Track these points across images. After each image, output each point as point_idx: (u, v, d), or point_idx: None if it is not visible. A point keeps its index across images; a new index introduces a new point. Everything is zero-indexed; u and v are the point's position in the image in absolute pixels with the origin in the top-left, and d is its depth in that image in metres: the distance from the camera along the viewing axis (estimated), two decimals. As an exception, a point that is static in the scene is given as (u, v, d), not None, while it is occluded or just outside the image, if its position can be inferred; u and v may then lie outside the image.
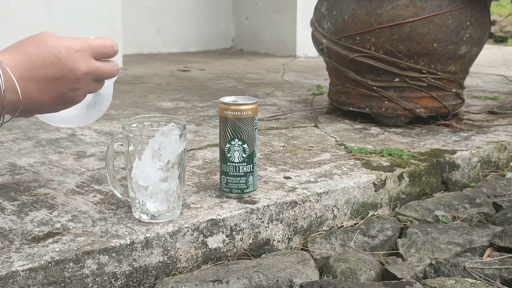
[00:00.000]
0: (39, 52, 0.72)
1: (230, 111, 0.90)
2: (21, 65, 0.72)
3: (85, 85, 0.76)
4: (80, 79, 0.74)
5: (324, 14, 1.58)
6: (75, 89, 0.75)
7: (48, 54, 0.72)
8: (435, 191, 1.21)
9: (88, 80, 0.76)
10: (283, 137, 1.40)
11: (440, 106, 1.53)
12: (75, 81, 0.74)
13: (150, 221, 0.83)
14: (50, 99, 0.75)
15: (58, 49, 0.73)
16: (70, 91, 0.75)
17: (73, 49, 0.73)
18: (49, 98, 0.74)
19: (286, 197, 0.96)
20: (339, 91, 1.63)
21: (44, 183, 1.01)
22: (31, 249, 0.74)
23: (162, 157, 0.81)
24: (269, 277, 0.80)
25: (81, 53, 0.74)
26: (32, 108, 0.75)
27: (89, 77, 0.76)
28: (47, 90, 0.73)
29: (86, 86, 0.76)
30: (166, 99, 1.97)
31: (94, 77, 0.77)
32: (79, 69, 0.73)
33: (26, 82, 0.72)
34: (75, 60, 0.73)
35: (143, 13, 3.85)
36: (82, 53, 0.74)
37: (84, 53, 0.74)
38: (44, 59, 0.72)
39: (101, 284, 0.75)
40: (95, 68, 0.76)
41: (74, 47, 0.74)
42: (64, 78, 0.73)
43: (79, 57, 0.73)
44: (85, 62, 0.74)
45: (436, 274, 0.87)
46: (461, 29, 1.44)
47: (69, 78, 0.73)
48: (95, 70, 0.76)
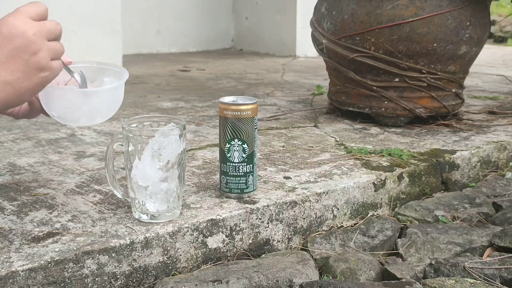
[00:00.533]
0: None
1: (230, 111, 0.90)
2: None
3: (42, 45, 0.75)
4: (33, 40, 0.73)
5: (323, 14, 1.58)
6: (35, 52, 0.74)
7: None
8: (435, 191, 1.21)
9: (41, 38, 0.75)
10: (283, 137, 1.40)
11: (440, 106, 1.53)
12: (30, 44, 0.73)
13: (150, 221, 0.83)
14: (21, 74, 0.74)
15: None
16: (32, 57, 0.74)
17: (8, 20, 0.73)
18: (19, 74, 0.73)
19: (286, 197, 0.96)
20: (339, 91, 1.63)
21: (44, 183, 1.01)
22: (30, 249, 0.74)
23: (161, 157, 0.81)
24: (269, 277, 0.80)
25: (17, 18, 0.74)
26: (8, 92, 0.74)
27: (40, 35, 0.75)
28: (11, 66, 0.73)
29: (44, 46, 0.75)
30: (166, 99, 1.97)
31: (45, 35, 0.76)
32: (26, 31, 0.73)
33: None
34: (16, 26, 0.73)
35: (142, 13, 3.85)
36: (18, 18, 0.74)
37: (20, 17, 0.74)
38: None
39: (101, 284, 0.75)
40: (38, 26, 0.75)
41: (8, 18, 0.74)
42: (18, 47, 0.73)
43: (17, 22, 0.73)
44: (26, 23, 0.74)
45: (436, 274, 0.87)
46: (461, 29, 1.44)
47: (23, 44, 0.73)
48: (41, 28, 0.75)
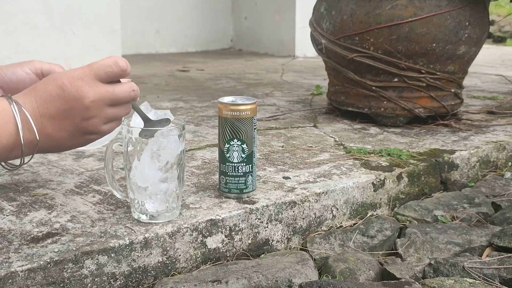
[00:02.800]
0: (46, 87, 0.71)
1: (229, 111, 0.90)
2: (32, 102, 0.71)
3: (98, 112, 0.72)
4: (89, 107, 0.71)
5: (323, 14, 1.58)
6: (87, 118, 0.72)
7: (53, 87, 0.71)
8: (434, 191, 1.21)
9: (100, 106, 0.72)
10: (282, 137, 1.40)
11: (439, 106, 1.53)
12: (85, 110, 0.71)
13: (149, 221, 0.83)
14: (67, 134, 0.73)
15: (62, 80, 0.71)
16: (83, 122, 0.72)
17: (75, 77, 0.71)
18: (65, 133, 0.73)
19: (285, 197, 0.96)
20: (338, 91, 1.63)
21: (43, 184, 1.01)
22: (30, 250, 0.74)
23: (161, 158, 0.81)
24: (268, 277, 0.80)
25: (84, 80, 0.71)
26: (50, 145, 0.74)
27: (100, 103, 0.72)
28: (60, 124, 0.72)
29: (100, 113, 0.73)
30: (165, 99, 1.97)
31: (107, 103, 0.73)
32: (84, 97, 0.71)
33: (39, 118, 0.71)
34: (78, 89, 0.70)
35: (141, 13, 3.84)
36: (85, 80, 0.71)
37: (87, 79, 0.71)
38: (51, 92, 0.71)
39: (100, 284, 0.75)
40: (104, 92, 0.72)
41: (77, 75, 0.71)
42: (72, 109, 0.71)
43: (82, 84, 0.71)
44: (91, 88, 0.71)
45: (435, 274, 0.87)
46: (460, 29, 1.44)
47: (78, 108, 0.71)
48: (104, 95, 0.72)
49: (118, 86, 0.75)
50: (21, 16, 2.55)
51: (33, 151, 0.73)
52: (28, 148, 0.72)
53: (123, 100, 0.75)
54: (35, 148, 0.73)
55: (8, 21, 2.52)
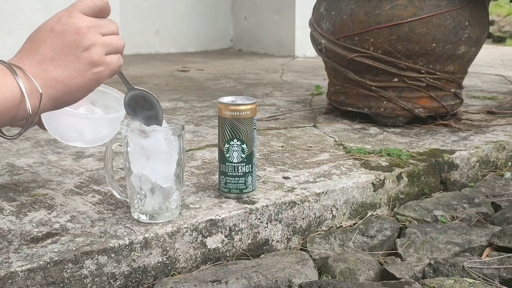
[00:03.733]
0: (35, 34, 0.71)
1: (228, 111, 0.90)
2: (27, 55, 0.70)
3: (95, 39, 0.72)
4: (85, 34, 0.71)
5: (322, 14, 1.58)
6: (87, 47, 0.71)
7: (42, 35, 0.71)
8: (433, 191, 1.21)
9: (95, 33, 0.72)
10: (282, 137, 1.40)
11: (439, 106, 1.53)
12: (82, 39, 0.71)
13: (149, 221, 0.83)
14: (73, 71, 0.71)
15: (49, 24, 0.71)
16: (84, 52, 0.71)
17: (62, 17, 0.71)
18: (71, 71, 0.70)
19: (285, 197, 0.96)
20: (337, 91, 1.63)
21: (43, 184, 1.01)
22: (30, 250, 0.74)
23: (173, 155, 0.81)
24: (268, 277, 0.80)
25: (72, 16, 0.71)
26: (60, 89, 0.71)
27: (93, 30, 0.72)
28: (63, 62, 0.70)
29: (97, 40, 0.72)
30: (165, 100, 1.97)
31: (99, 31, 0.73)
32: (78, 26, 0.71)
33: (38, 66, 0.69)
34: (70, 22, 0.71)
35: (141, 13, 3.84)
36: (73, 15, 0.71)
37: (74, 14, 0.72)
38: (43, 39, 0.70)
39: (100, 284, 0.75)
40: (94, 21, 0.73)
41: (63, 14, 0.72)
42: (70, 42, 0.70)
43: (70, 20, 0.71)
44: (79, 20, 0.71)
45: (435, 274, 0.87)
46: (460, 29, 1.44)
47: (75, 39, 0.70)
48: (95, 23, 0.73)
49: (103, 19, 0.75)
50: (21, 16, 2.55)
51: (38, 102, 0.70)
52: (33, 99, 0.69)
53: (112, 28, 0.76)
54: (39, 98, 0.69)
55: (8, 21, 2.53)
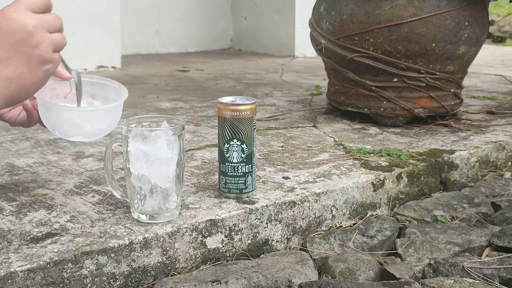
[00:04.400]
0: None
1: (228, 111, 0.90)
2: None
3: (43, 37, 0.73)
4: (33, 32, 0.72)
5: (322, 14, 1.58)
6: (36, 44, 0.73)
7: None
8: (433, 191, 1.21)
9: (42, 31, 0.73)
10: (281, 137, 1.40)
11: (439, 106, 1.53)
12: (31, 36, 0.72)
13: (149, 221, 0.83)
14: (24, 68, 0.72)
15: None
16: (34, 49, 0.73)
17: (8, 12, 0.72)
18: (22, 68, 0.72)
19: (284, 197, 0.96)
20: (337, 91, 1.63)
21: (43, 184, 1.01)
22: (29, 250, 0.74)
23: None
24: (268, 277, 0.80)
25: (18, 11, 0.72)
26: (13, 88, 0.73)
27: (41, 27, 0.73)
28: (14, 61, 0.71)
29: (45, 38, 0.74)
30: (165, 100, 1.97)
31: (45, 27, 0.75)
32: (26, 24, 0.72)
33: None
34: (17, 19, 0.71)
35: (141, 14, 3.84)
36: (19, 11, 0.72)
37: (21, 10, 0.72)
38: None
39: (99, 284, 0.75)
40: (39, 18, 0.74)
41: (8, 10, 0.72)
42: (19, 40, 0.71)
43: (19, 15, 0.72)
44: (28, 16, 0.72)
45: (435, 274, 0.87)
46: (460, 29, 1.44)
47: (24, 37, 0.72)
48: (42, 20, 0.74)
49: (47, 14, 0.76)
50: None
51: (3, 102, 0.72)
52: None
53: (57, 24, 0.77)
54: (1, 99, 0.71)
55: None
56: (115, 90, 0.91)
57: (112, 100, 0.91)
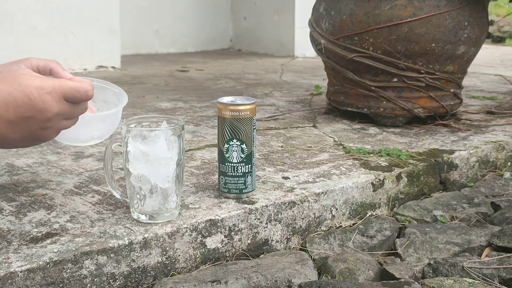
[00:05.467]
0: (11, 90, 0.71)
1: (228, 111, 0.90)
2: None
3: (55, 124, 0.75)
4: (50, 119, 0.74)
5: (322, 14, 1.58)
6: (44, 128, 0.74)
7: (19, 93, 0.71)
8: (433, 191, 1.21)
9: (58, 120, 0.75)
10: (281, 137, 1.40)
11: (438, 106, 1.53)
12: (45, 121, 0.73)
13: (149, 221, 0.83)
14: (19, 137, 0.74)
15: (30, 89, 0.71)
16: (39, 130, 0.74)
17: (44, 90, 0.72)
18: (18, 136, 0.74)
19: (284, 197, 0.96)
20: (337, 91, 1.63)
21: (43, 184, 1.01)
22: (29, 250, 0.74)
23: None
24: (267, 277, 0.80)
25: (52, 95, 0.72)
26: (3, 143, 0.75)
27: (60, 117, 0.75)
28: (17, 128, 0.72)
29: (56, 125, 0.76)
30: (164, 100, 1.97)
31: (65, 117, 0.76)
32: (49, 111, 0.73)
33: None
34: (45, 102, 0.72)
35: (141, 13, 3.84)
36: (53, 95, 0.72)
37: (55, 95, 0.73)
38: (15, 97, 0.71)
39: (99, 284, 0.75)
40: (67, 109, 0.75)
41: (46, 88, 0.72)
42: (34, 118, 0.72)
43: (50, 99, 0.72)
44: (56, 104, 0.73)
45: (435, 274, 0.88)
46: (459, 29, 1.44)
47: (39, 119, 0.73)
48: (66, 112, 0.75)
49: (79, 106, 0.77)
50: (20, 16, 2.55)
51: None
52: None
53: (77, 115, 0.79)
54: None
55: (7, 21, 2.52)
56: (115, 94, 0.91)
57: (112, 103, 0.91)
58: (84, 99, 0.76)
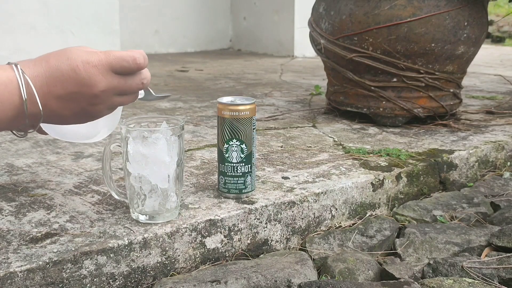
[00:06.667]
0: (59, 64, 0.70)
1: (228, 111, 0.90)
2: (42, 77, 0.70)
3: (105, 100, 0.73)
4: (98, 96, 0.72)
5: (322, 14, 1.58)
6: (94, 104, 0.72)
7: (66, 67, 0.70)
8: (433, 191, 1.21)
9: (108, 96, 0.73)
10: (281, 137, 1.40)
11: (438, 106, 1.53)
12: (93, 97, 0.72)
13: (148, 221, 0.83)
14: (70, 113, 0.73)
15: (76, 63, 0.70)
16: (89, 106, 0.73)
17: (90, 64, 0.70)
18: (69, 112, 0.73)
19: (284, 197, 0.96)
20: (337, 91, 1.63)
21: (42, 184, 1.01)
22: (29, 250, 0.74)
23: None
24: (267, 277, 0.80)
25: (98, 68, 0.70)
26: (53, 119, 0.74)
27: (109, 93, 0.73)
28: (66, 104, 0.71)
29: (107, 101, 0.74)
30: (164, 100, 1.97)
31: (116, 92, 0.74)
32: (95, 86, 0.71)
33: (46, 94, 0.70)
34: (92, 76, 0.70)
35: (140, 14, 3.84)
36: (99, 68, 0.70)
37: (102, 68, 0.71)
38: (62, 71, 0.70)
39: (99, 284, 0.75)
40: (115, 84, 0.72)
41: (92, 62, 0.70)
42: (81, 93, 0.71)
43: (96, 72, 0.70)
44: (103, 78, 0.71)
45: (434, 273, 0.88)
46: (459, 29, 1.44)
47: (87, 94, 0.71)
48: (115, 86, 0.73)
49: (130, 78, 0.74)
50: (20, 16, 2.55)
51: (37, 123, 0.73)
52: (31, 120, 0.71)
53: (132, 91, 0.76)
54: (39, 121, 0.72)
55: (7, 21, 2.52)
56: None
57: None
58: (134, 68, 0.73)
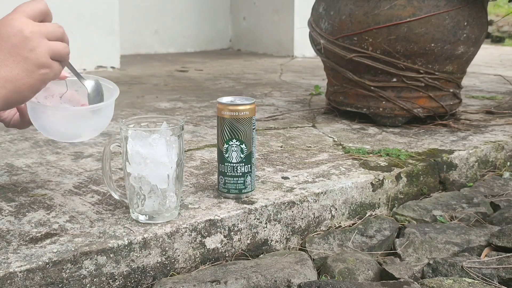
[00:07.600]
0: None
1: (227, 111, 0.90)
2: None
3: (39, 42, 0.76)
4: (29, 38, 0.75)
5: (321, 14, 1.58)
6: (32, 48, 0.75)
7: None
8: (432, 191, 1.21)
9: (39, 37, 0.76)
10: (281, 137, 1.40)
11: (438, 106, 1.53)
12: (26, 41, 0.74)
13: (148, 221, 0.83)
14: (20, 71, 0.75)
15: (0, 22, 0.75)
16: (30, 53, 0.75)
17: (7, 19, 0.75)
18: (18, 70, 0.74)
19: (284, 197, 0.96)
20: (336, 91, 1.63)
21: (42, 184, 1.01)
22: (28, 250, 0.74)
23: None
24: (267, 277, 0.80)
25: (16, 19, 0.75)
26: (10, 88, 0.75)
27: (38, 34, 0.76)
28: (9, 63, 0.74)
29: (41, 43, 0.76)
30: (164, 100, 1.97)
31: (43, 33, 0.77)
32: (22, 29, 0.74)
33: None
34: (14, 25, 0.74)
35: (140, 14, 3.84)
36: (18, 19, 0.75)
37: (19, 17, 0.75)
38: None
39: (99, 284, 0.75)
40: (37, 25, 0.76)
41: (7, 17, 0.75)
42: (15, 44, 0.74)
43: (17, 22, 0.74)
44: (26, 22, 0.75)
45: (434, 273, 0.88)
46: (458, 29, 1.44)
47: (19, 41, 0.74)
48: (40, 27, 0.76)
49: (46, 23, 0.78)
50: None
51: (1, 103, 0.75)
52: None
53: (57, 33, 0.79)
54: None
55: (7, 21, 2.52)
56: (108, 89, 0.91)
57: (106, 99, 0.91)
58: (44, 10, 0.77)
